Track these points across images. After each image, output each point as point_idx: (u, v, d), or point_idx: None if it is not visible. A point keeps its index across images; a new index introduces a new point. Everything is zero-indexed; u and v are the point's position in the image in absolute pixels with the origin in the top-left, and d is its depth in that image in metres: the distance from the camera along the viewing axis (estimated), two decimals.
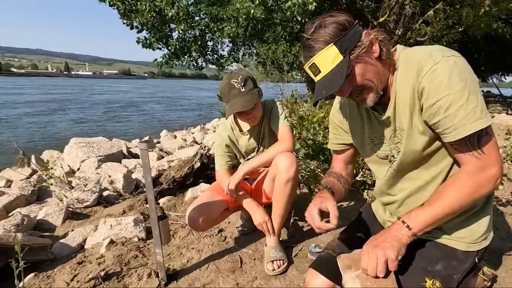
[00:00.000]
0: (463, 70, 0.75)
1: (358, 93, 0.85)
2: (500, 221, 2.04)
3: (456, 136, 0.76)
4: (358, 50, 0.80)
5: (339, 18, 0.81)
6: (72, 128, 11.54)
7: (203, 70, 12.50)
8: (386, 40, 0.85)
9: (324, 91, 0.81)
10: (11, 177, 3.82)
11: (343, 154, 1.16)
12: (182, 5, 8.98)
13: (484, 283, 0.94)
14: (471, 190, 0.77)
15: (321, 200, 0.91)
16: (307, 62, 0.83)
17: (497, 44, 13.02)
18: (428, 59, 0.77)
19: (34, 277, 1.53)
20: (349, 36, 0.79)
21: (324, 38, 0.79)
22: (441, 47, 0.80)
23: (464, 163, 0.80)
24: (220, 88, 1.54)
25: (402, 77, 0.84)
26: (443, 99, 0.75)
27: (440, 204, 0.80)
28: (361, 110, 0.99)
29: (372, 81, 0.83)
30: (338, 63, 0.79)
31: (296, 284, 1.47)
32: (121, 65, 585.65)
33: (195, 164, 2.91)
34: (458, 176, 0.80)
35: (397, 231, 0.81)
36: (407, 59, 0.84)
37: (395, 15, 8.06)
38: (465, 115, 0.74)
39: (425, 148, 0.85)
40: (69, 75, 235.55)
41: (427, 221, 0.80)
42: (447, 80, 0.74)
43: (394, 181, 0.98)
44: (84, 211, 2.47)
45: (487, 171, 0.76)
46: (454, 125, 0.75)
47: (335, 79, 0.79)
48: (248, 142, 1.72)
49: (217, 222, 1.78)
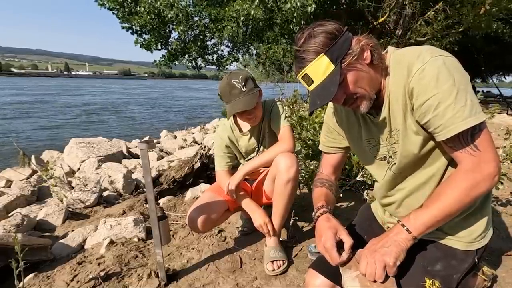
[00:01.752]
0: (452, 69, 0.75)
1: (352, 101, 0.86)
2: (500, 221, 2.04)
3: (446, 135, 0.76)
4: (349, 58, 0.81)
5: (328, 27, 0.82)
6: (35, 135, 10.03)
7: (203, 70, 12.51)
8: (376, 45, 0.85)
9: (318, 101, 0.82)
10: (11, 177, 3.82)
11: (333, 157, 1.17)
12: (181, 6, 8.99)
13: (484, 283, 0.94)
14: (469, 188, 0.77)
15: (333, 232, 0.90)
16: (299, 73, 0.84)
17: (497, 44, 13.03)
18: (417, 59, 0.78)
19: (34, 277, 1.53)
20: (339, 44, 0.80)
21: (315, 49, 0.80)
22: (430, 47, 0.81)
23: (460, 161, 0.79)
24: (221, 88, 1.53)
25: (394, 79, 0.85)
26: (431, 99, 0.76)
27: (439, 205, 0.79)
28: (357, 114, 1.00)
29: (364, 88, 0.84)
30: (330, 72, 0.80)
31: (296, 284, 1.47)
32: (122, 65, 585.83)
33: (195, 164, 2.90)
34: (455, 175, 0.80)
35: (397, 235, 0.81)
36: (397, 61, 0.85)
37: (395, 15, 8.06)
38: (454, 113, 0.74)
39: (421, 148, 0.86)
40: (69, 75, 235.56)
41: (426, 224, 0.80)
42: (435, 80, 0.75)
43: (393, 183, 0.98)
44: (84, 211, 2.47)
45: (483, 168, 0.76)
46: (443, 124, 0.76)
47: (328, 88, 0.80)
48: (248, 143, 1.72)
49: (218, 223, 1.78)
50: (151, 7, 8.84)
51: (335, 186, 1.16)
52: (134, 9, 9.25)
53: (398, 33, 8.23)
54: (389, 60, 0.87)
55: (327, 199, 1.06)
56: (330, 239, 0.88)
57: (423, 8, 7.58)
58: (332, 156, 1.17)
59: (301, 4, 6.81)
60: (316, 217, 0.99)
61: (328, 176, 1.17)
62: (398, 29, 8.28)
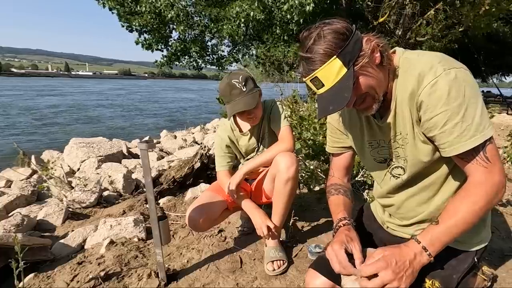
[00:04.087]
0: (463, 83, 0.74)
1: (360, 102, 0.84)
2: (500, 221, 2.04)
3: (451, 153, 0.77)
4: (361, 61, 0.78)
5: (337, 25, 0.77)
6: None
7: (203, 70, 12.51)
8: (386, 45, 0.83)
9: (331, 106, 0.78)
10: (11, 177, 3.83)
11: (342, 158, 1.14)
12: (181, 6, 9.00)
13: (484, 283, 0.94)
14: (484, 201, 0.76)
15: (347, 240, 0.86)
16: (308, 76, 0.79)
17: (497, 44, 13.03)
18: (429, 71, 0.76)
19: (34, 277, 1.53)
20: (351, 46, 0.76)
21: (326, 51, 0.75)
22: (442, 57, 0.79)
23: (471, 173, 0.78)
24: (221, 88, 1.53)
25: (402, 84, 0.83)
26: (440, 115, 0.75)
27: (457, 222, 0.77)
28: (360, 114, 0.99)
29: (375, 90, 0.82)
30: (343, 76, 0.76)
31: (296, 284, 1.47)
32: (122, 65, 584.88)
33: (195, 164, 2.91)
34: (468, 189, 0.79)
35: (417, 258, 0.77)
36: (408, 67, 0.83)
37: (395, 15, 8.06)
38: (461, 131, 0.74)
39: (430, 156, 0.85)
40: (69, 75, 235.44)
41: (445, 244, 0.78)
42: (446, 96, 0.74)
43: (394, 186, 0.98)
44: (84, 211, 2.47)
45: (495, 180, 0.76)
46: (449, 141, 0.76)
47: (341, 94, 0.77)
48: (249, 143, 1.72)
49: (217, 222, 1.78)
50: (152, 7, 8.85)
51: (350, 189, 1.12)
52: (134, 9, 9.25)
53: (398, 33, 8.23)
54: (398, 62, 0.85)
55: (346, 209, 1.02)
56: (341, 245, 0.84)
57: (423, 8, 7.59)
58: (340, 158, 1.14)
59: (300, 2, 6.81)
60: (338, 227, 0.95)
61: (340, 179, 1.14)
62: (398, 29, 8.29)
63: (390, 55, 0.85)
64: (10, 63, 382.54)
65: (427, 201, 0.93)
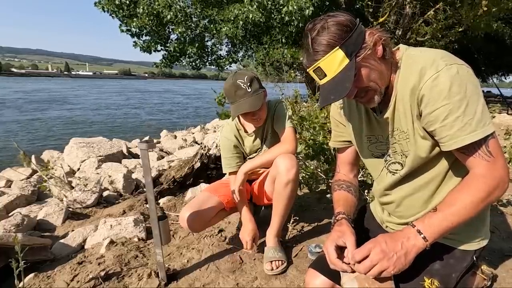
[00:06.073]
0: (464, 79, 0.75)
1: (363, 94, 0.85)
2: (500, 221, 2.04)
3: (451, 147, 0.77)
4: (363, 52, 0.79)
5: (341, 18, 0.79)
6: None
7: (203, 70, 12.51)
8: (388, 39, 0.84)
9: (332, 96, 0.80)
10: (11, 177, 3.83)
11: (347, 154, 1.14)
12: (179, 6, 9.00)
13: (484, 282, 0.94)
14: (484, 194, 0.76)
15: (338, 236, 0.88)
16: (311, 66, 0.81)
17: (497, 44, 13.02)
18: (431, 65, 0.77)
19: (34, 277, 1.53)
20: (354, 38, 0.78)
21: (329, 42, 0.77)
22: (445, 53, 0.80)
23: (473, 166, 0.79)
24: (226, 88, 1.51)
25: (404, 79, 0.84)
26: (441, 108, 0.75)
27: (454, 211, 0.77)
28: (360, 108, 0.99)
29: (376, 83, 0.83)
30: (344, 66, 0.78)
31: (296, 284, 1.47)
32: (122, 65, 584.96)
33: (195, 164, 2.91)
34: (470, 180, 0.79)
35: (410, 240, 0.77)
36: (410, 62, 0.84)
37: (395, 15, 8.06)
38: (462, 125, 0.74)
39: (429, 152, 0.85)
40: (69, 75, 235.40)
41: (441, 231, 0.77)
42: (447, 90, 0.74)
43: (392, 182, 0.98)
44: (84, 211, 2.47)
45: (497, 174, 0.76)
46: (450, 135, 0.76)
47: (342, 84, 0.78)
48: (253, 144, 1.71)
49: (213, 222, 1.77)
50: (149, 8, 8.85)
51: (354, 186, 1.12)
52: (133, 11, 9.26)
53: (398, 33, 8.23)
54: (400, 58, 0.86)
55: (345, 204, 1.03)
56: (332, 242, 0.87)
57: (423, 8, 7.59)
58: (345, 153, 1.15)
59: (299, 7, 6.83)
60: (333, 223, 0.98)
61: (346, 175, 1.14)
62: (398, 29, 8.29)
63: (392, 49, 0.86)
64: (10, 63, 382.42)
65: (426, 200, 0.93)
